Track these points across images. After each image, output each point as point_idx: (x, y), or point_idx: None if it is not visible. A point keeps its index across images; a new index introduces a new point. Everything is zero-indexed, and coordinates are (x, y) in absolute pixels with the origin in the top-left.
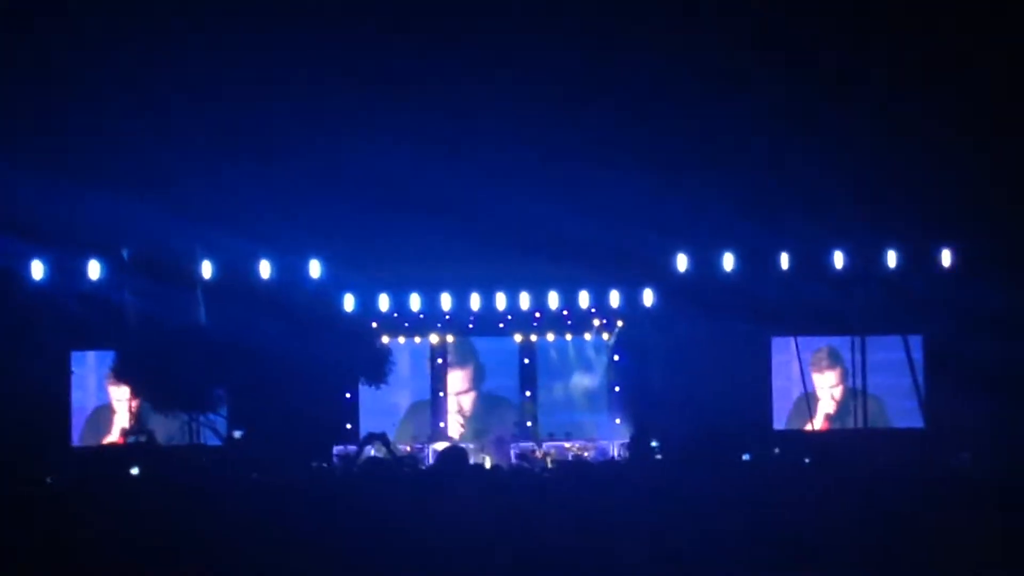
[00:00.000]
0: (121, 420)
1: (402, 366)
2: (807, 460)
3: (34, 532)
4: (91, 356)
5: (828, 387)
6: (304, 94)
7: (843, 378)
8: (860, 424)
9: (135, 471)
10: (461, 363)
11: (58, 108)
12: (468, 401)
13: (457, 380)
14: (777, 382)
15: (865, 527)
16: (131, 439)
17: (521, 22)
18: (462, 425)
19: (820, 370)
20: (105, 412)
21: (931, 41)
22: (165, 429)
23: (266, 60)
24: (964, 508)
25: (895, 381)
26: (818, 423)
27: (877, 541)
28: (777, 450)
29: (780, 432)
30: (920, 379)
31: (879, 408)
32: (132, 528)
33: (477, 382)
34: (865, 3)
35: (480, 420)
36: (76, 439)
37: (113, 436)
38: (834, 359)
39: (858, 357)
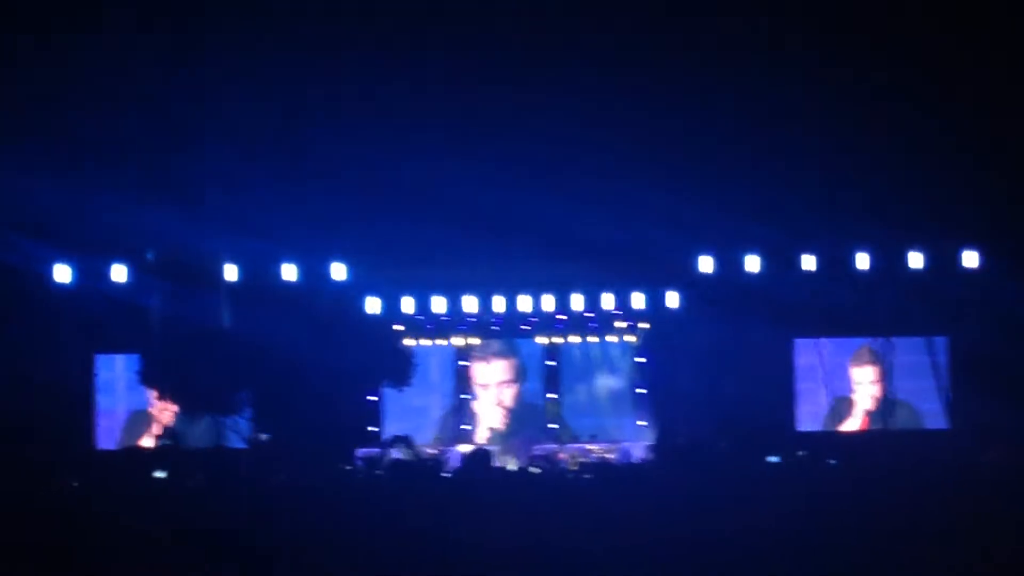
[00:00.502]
0: (158, 424)
1: (426, 369)
2: (833, 461)
3: (55, 533)
4: (119, 360)
5: (868, 382)
6: (328, 96)
7: (882, 376)
8: (891, 426)
9: (161, 474)
10: (503, 354)
11: (83, 112)
12: (510, 394)
13: (498, 371)
14: (801, 384)
15: (888, 526)
16: (159, 442)
17: (541, 23)
18: (504, 417)
19: (861, 364)
20: (143, 416)
21: (953, 41)
22: (190, 432)
23: (289, 63)
24: (990, 506)
25: (921, 383)
26: (857, 422)
27: (900, 541)
28: (802, 452)
29: (804, 434)
30: (946, 381)
31: (909, 411)
32: (154, 530)
33: (520, 375)
34: (882, 4)
35: (513, 419)
36: (103, 442)
37: (149, 440)
38: (874, 356)
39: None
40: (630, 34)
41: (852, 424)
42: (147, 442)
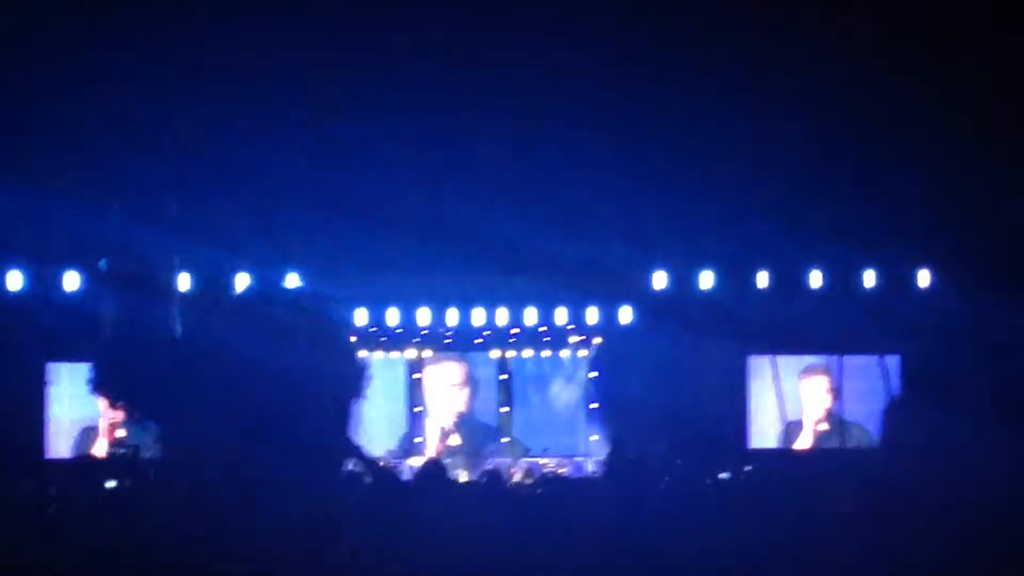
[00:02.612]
0: (109, 433)
1: (379, 381)
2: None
3: (5, 544)
4: (67, 368)
5: (820, 393)
6: (283, 105)
7: (832, 391)
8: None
9: (112, 483)
10: (454, 357)
11: (35, 117)
12: (462, 399)
13: (449, 373)
14: (754, 401)
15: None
16: (110, 452)
17: (494, 38)
18: (456, 430)
19: (811, 375)
20: (93, 425)
21: (910, 62)
22: (141, 441)
23: (241, 70)
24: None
25: (873, 403)
26: (808, 441)
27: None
28: (748, 468)
29: (756, 451)
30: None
31: (860, 431)
32: (104, 540)
33: (470, 380)
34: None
35: (465, 432)
36: (54, 451)
37: (99, 449)
38: (825, 370)
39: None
40: (585, 48)
41: (803, 442)
42: (97, 451)
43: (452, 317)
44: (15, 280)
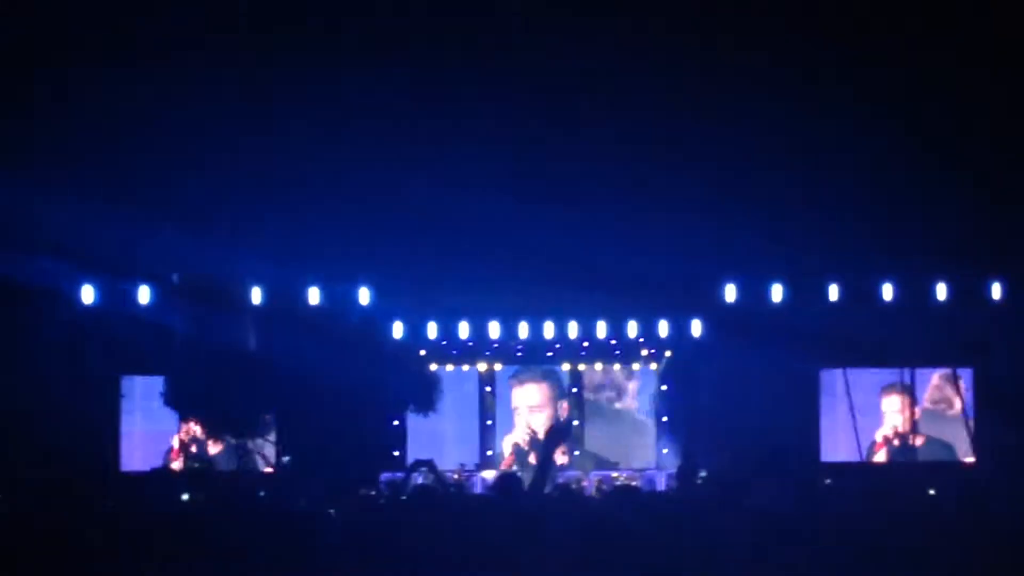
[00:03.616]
0: (183, 446)
1: (450, 394)
2: (828, 481)
3: (83, 558)
4: (141, 381)
5: (895, 411)
6: (357, 121)
7: (909, 407)
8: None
9: (187, 496)
10: (540, 379)
11: (110, 134)
12: (540, 420)
13: (532, 395)
14: (826, 414)
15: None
16: (185, 465)
17: (560, 56)
18: (527, 443)
19: (889, 393)
20: (167, 438)
21: (978, 77)
22: (214, 455)
23: (316, 86)
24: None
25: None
26: (883, 455)
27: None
28: (828, 481)
29: (829, 464)
30: (970, 413)
31: (938, 444)
32: (180, 553)
33: (553, 401)
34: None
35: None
36: (127, 465)
37: (173, 462)
38: (902, 387)
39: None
40: (651, 60)
41: (878, 457)
42: (171, 464)
43: (523, 330)
44: (89, 294)
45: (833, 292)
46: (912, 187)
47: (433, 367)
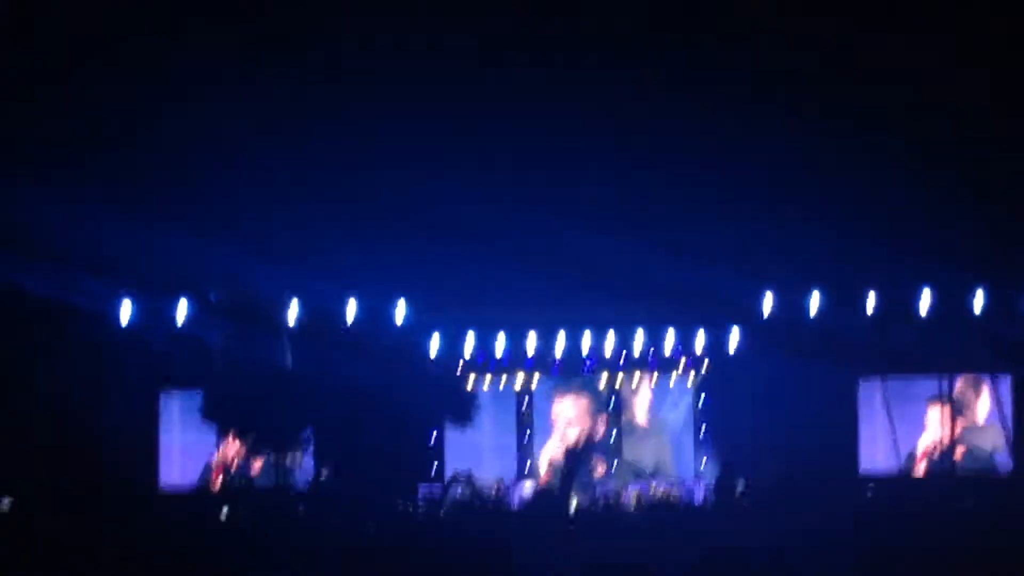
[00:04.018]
0: (221, 461)
1: (487, 407)
2: (869, 493)
3: (129, 570)
4: (178, 397)
5: (940, 421)
6: (392, 136)
7: (951, 419)
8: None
9: (226, 513)
10: (578, 392)
11: (146, 150)
12: (578, 434)
13: (569, 409)
14: (865, 425)
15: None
16: (223, 481)
17: (604, 64)
18: (561, 458)
19: (932, 404)
20: (205, 455)
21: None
22: (252, 470)
23: (353, 101)
24: None
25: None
26: (923, 466)
27: None
28: (869, 494)
29: (868, 476)
30: (1009, 421)
31: (979, 453)
32: (219, 570)
33: (592, 415)
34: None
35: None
36: (165, 480)
37: (210, 479)
38: (943, 399)
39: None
40: (690, 71)
41: (918, 468)
42: (210, 480)
43: (560, 342)
44: (127, 310)
45: (871, 301)
46: (951, 195)
47: (470, 381)
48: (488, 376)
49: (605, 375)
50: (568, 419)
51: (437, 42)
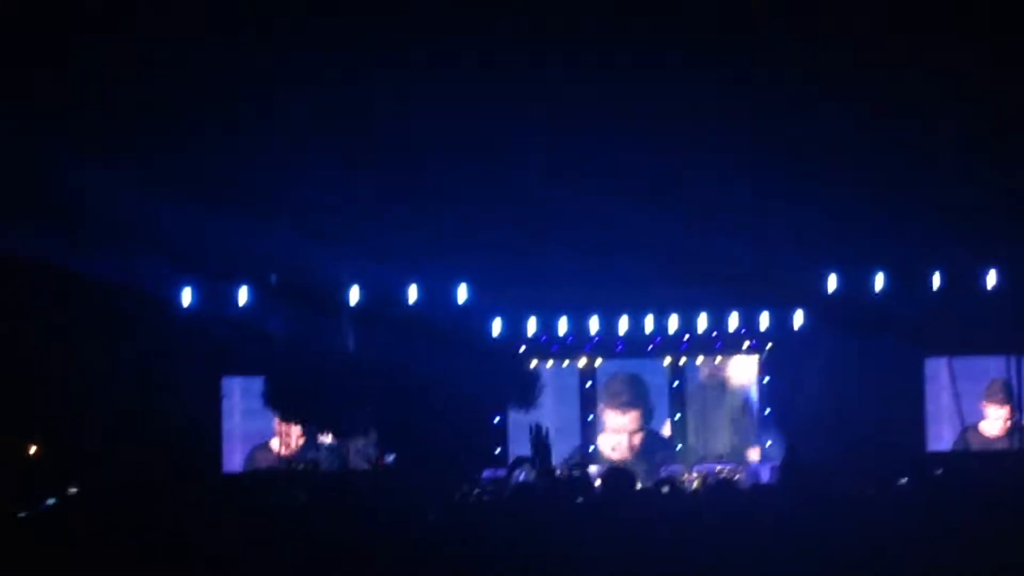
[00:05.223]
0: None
1: (551, 389)
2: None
3: (187, 560)
4: (239, 382)
5: (999, 419)
6: (450, 120)
7: (1013, 413)
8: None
9: (288, 497)
10: (631, 405)
11: (208, 135)
12: (635, 439)
13: (626, 422)
14: (931, 403)
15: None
16: (286, 466)
17: (658, 45)
18: (613, 448)
19: (993, 399)
20: (266, 439)
21: None
22: (315, 455)
23: (412, 88)
24: None
25: None
26: (987, 444)
27: None
28: (940, 471)
29: (935, 454)
30: None
31: None
32: (284, 555)
33: (644, 422)
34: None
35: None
36: (229, 465)
37: (272, 463)
38: (1007, 392)
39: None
40: (754, 52)
41: (983, 446)
42: (271, 465)
43: (623, 324)
44: (188, 296)
45: (936, 280)
46: (1013, 173)
47: (533, 363)
48: (550, 358)
49: (668, 358)
50: (626, 430)
51: (504, 28)
